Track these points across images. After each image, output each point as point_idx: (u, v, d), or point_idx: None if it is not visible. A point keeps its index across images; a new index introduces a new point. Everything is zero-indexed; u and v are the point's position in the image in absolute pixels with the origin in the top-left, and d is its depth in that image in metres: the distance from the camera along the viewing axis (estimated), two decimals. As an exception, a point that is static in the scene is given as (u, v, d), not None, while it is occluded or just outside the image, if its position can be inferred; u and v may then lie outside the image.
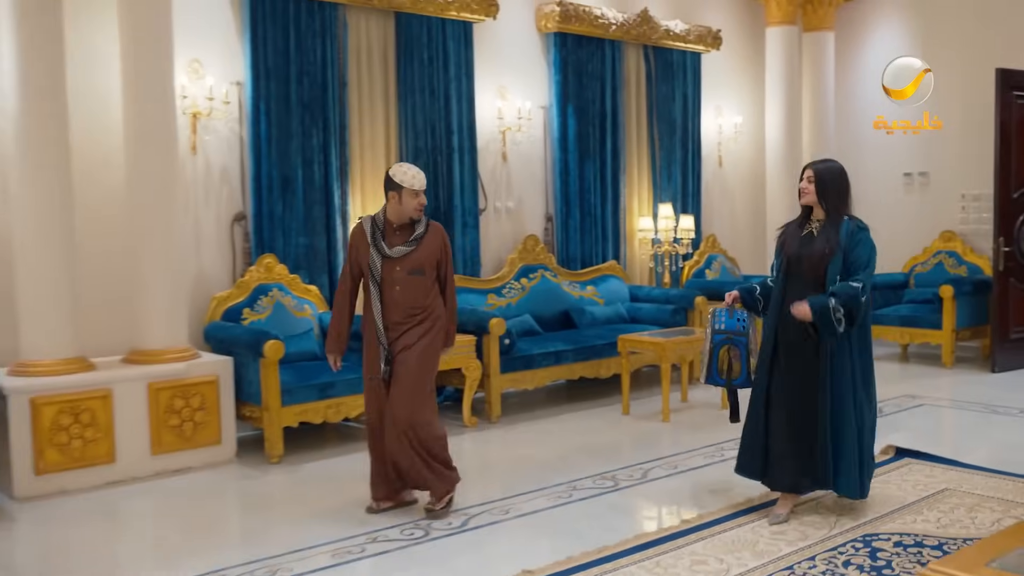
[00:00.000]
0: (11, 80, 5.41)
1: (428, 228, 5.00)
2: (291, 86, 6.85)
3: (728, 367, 5.02)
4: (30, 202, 5.48)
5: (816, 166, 4.82)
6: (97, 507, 5.22)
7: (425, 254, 4.95)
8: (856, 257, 4.64)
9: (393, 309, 4.90)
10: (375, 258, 4.89)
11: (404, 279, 4.91)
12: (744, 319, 5.04)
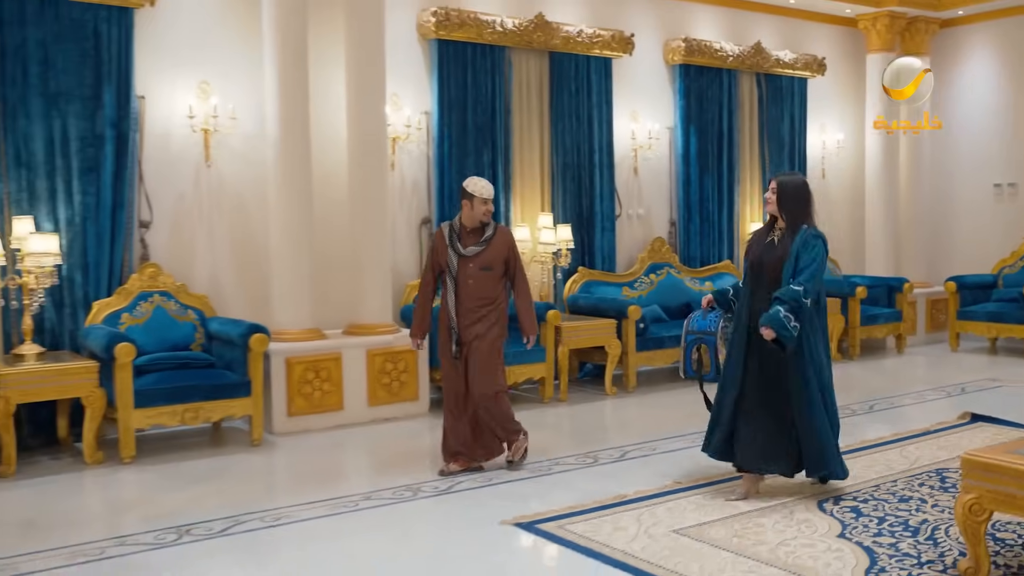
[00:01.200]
0: (273, 117, 7.09)
1: (496, 231, 5.91)
2: (467, 114, 8.42)
3: (699, 363, 5.55)
4: (283, 209, 7.15)
5: (780, 179, 5.26)
6: (330, 441, 6.82)
7: (494, 253, 5.85)
8: (803, 261, 5.01)
9: (466, 299, 5.81)
10: (452, 257, 5.82)
11: (476, 274, 5.81)
12: (715, 321, 5.54)
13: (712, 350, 5.54)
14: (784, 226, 5.17)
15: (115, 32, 6.78)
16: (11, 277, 6.32)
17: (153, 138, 7.10)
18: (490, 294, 5.87)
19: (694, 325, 5.65)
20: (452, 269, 5.82)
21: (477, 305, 5.82)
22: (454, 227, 5.92)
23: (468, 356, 5.83)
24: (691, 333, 5.64)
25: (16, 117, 6.48)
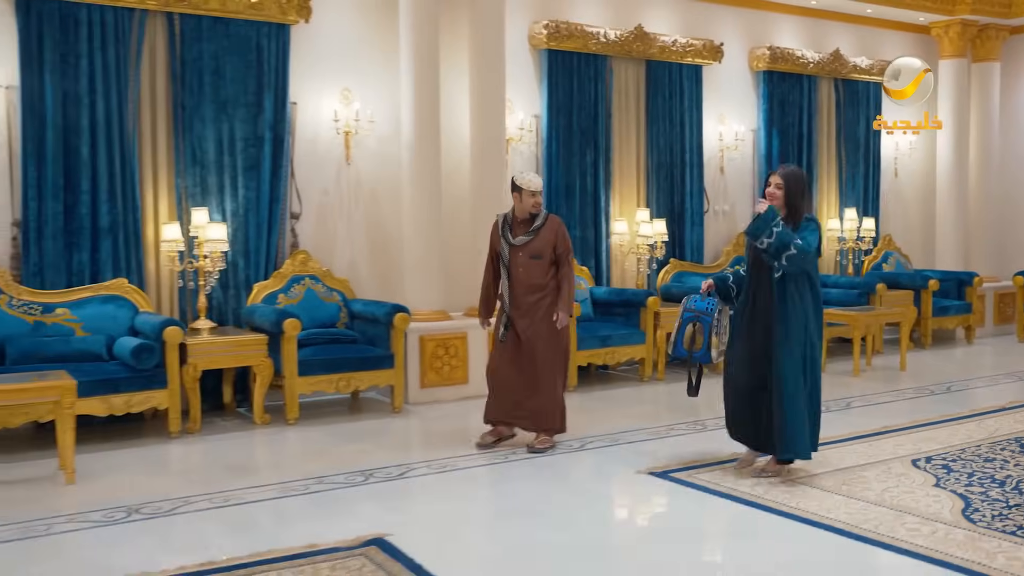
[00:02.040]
0: (408, 121, 7.94)
1: (546, 221, 6.22)
2: (573, 117, 9.22)
3: (692, 341, 5.66)
4: (415, 204, 7.99)
5: (783, 173, 5.38)
6: (460, 410, 7.62)
7: (542, 242, 6.18)
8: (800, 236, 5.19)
9: (517, 285, 6.18)
10: (504, 246, 6.22)
11: (526, 262, 6.17)
12: (712, 304, 5.66)
13: (707, 329, 5.64)
14: (785, 216, 5.31)
15: (274, 46, 7.68)
16: (189, 261, 7.25)
17: (303, 140, 7.98)
18: (540, 281, 6.20)
19: (692, 304, 5.76)
20: (504, 258, 6.24)
21: (528, 291, 6.18)
22: (507, 218, 6.32)
23: (523, 344, 6.18)
24: (689, 311, 5.73)
25: (192, 121, 7.40)
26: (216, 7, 7.36)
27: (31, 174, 6.83)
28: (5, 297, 6.70)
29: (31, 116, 6.82)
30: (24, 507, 5.08)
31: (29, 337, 6.64)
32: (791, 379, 5.27)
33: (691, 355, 5.69)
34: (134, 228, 7.22)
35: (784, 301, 5.30)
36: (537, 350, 6.17)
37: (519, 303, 6.19)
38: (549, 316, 6.17)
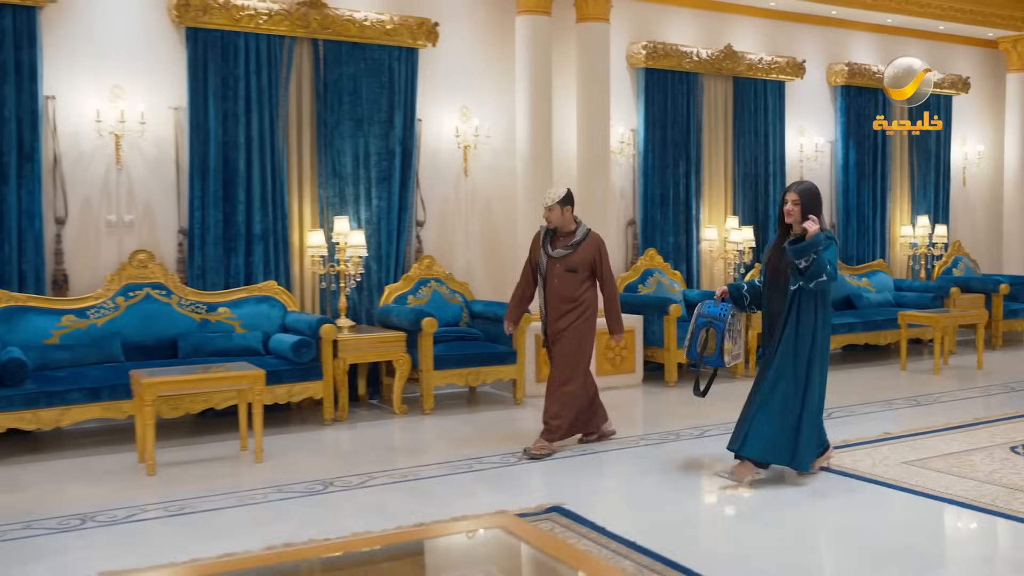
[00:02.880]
0: (523, 136, 8.61)
1: (586, 237, 6.40)
2: (667, 131, 9.86)
3: (704, 345, 5.86)
4: (530, 210, 8.65)
5: (799, 189, 5.50)
6: (572, 404, 8.29)
7: (580, 258, 6.35)
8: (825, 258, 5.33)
9: (552, 296, 6.38)
10: (543, 257, 6.40)
11: (561, 275, 6.34)
12: (726, 310, 5.84)
13: (719, 335, 5.80)
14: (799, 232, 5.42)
15: (404, 68, 8.38)
16: (331, 264, 7.97)
17: (427, 153, 8.68)
18: (573, 294, 6.38)
19: (706, 309, 5.93)
20: (542, 268, 6.44)
21: (561, 302, 6.38)
22: (549, 231, 6.49)
23: (555, 347, 6.45)
24: (703, 316, 5.92)
25: (333, 137, 8.12)
26: (355, 33, 8.08)
27: (196, 186, 7.58)
28: (175, 297, 7.45)
29: (197, 134, 7.57)
30: (229, 480, 5.80)
31: (197, 333, 7.37)
32: (780, 385, 5.46)
33: (702, 359, 5.90)
34: (283, 235, 7.95)
35: (796, 312, 5.45)
36: (555, 359, 6.46)
37: (552, 312, 6.44)
38: (573, 328, 6.38)
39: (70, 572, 4.31)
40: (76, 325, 7.07)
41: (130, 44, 7.44)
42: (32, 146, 7.00)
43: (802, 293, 5.42)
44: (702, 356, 5.89)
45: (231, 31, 7.61)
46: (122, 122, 7.30)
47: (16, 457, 6.39)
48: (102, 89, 7.33)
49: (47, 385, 6.42)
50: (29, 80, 6.97)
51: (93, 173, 7.37)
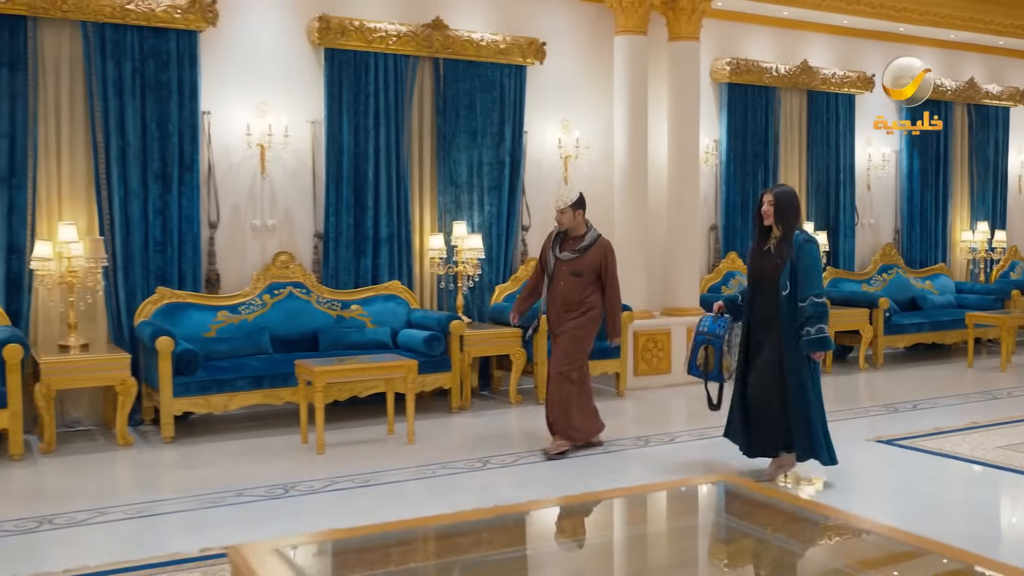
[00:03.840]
0: (621, 147, 9.27)
1: (595, 242, 6.47)
2: (747, 142, 10.50)
3: (705, 362, 5.96)
4: (626, 218, 9.30)
5: (775, 191, 5.63)
6: (666, 395, 8.93)
7: (587, 262, 6.42)
8: (802, 268, 5.44)
9: (556, 298, 6.49)
10: (551, 258, 6.53)
11: (567, 277, 6.44)
12: (724, 325, 5.91)
13: (718, 352, 5.90)
14: (779, 235, 5.58)
15: (513, 84, 9.06)
16: (450, 266, 8.64)
17: (531, 163, 9.35)
18: (576, 297, 6.47)
19: (704, 327, 6.05)
20: (549, 269, 6.57)
21: (564, 303, 6.49)
22: (560, 233, 6.61)
23: (557, 340, 6.59)
24: (701, 334, 6.05)
25: (450, 148, 8.80)
26: (472, 53, 8.76)
27: (331, 194, 8.27)
28: (314, 295, 8.15)
29: (332, 146, 8.26)
30: (393, 459, 6.47)
31: (334, 328, 8.06)
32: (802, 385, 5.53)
33: (706, 376, 6.02)
34: (406, 238, 8.63)
35: (787, 310, 5.53)
36: (557, 358, 6.57)
37: (554, 312, 6.59)
38: (573, 329, 6.49)
39: (303, 528, 4.98)
40: (230, 320, 7.78)
41: (275, 64, 8.15)
42: (191, 157, 7.71)
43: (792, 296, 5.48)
44: (705, 373, 6.00)
45: (364, 51, 8.30)
46: (269, 135, 8.01)
47: (187, 439, 7.09)
48: (250, 105, 8.03)
49: (216, 374, 7.13)
50: (190, 97, 7.68)
51: (241, 182, 8.08)
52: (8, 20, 7.05)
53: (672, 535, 3.63)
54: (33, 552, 4.71)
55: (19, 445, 6.44)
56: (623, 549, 3.49)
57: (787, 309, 5.50)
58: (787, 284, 5.46)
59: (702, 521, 3.79)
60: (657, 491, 4.27)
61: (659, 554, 3.45)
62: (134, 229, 7.52)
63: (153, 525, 5.14)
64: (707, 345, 5.97)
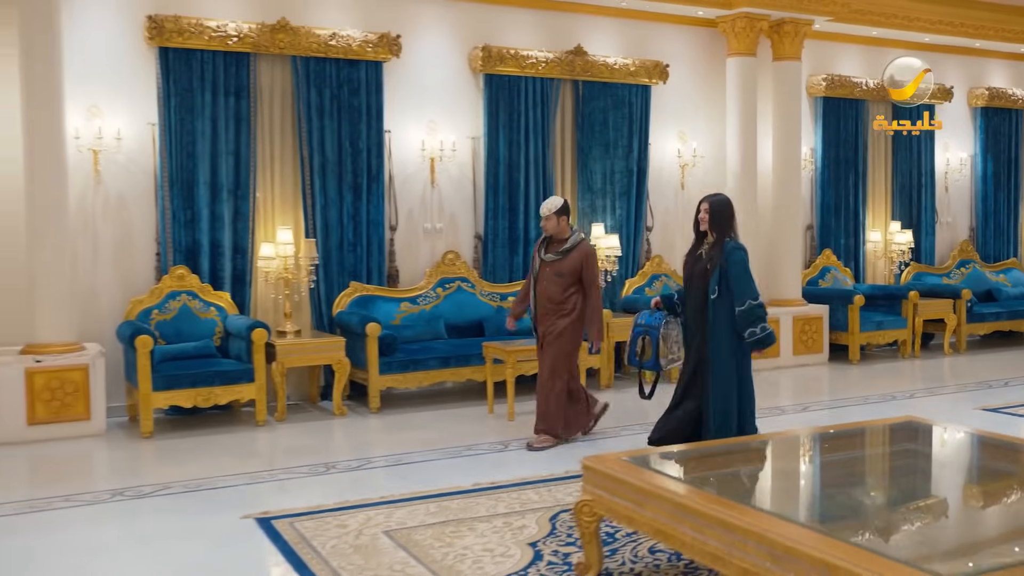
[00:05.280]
0: (733, 155, 10.44)
1: (576, 246, 6.78)
2: (839, 149, 11.63)
3: (642, 352, 6.28)
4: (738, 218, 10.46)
5: (710, 199, 5.98)
6: (771, 377, 10.08)
7: (568, 264, 6.73)
8: (733, 274, 5.74)
9: (540, 297, 6.83)
10: (536, 260, 6.90)
11: (550, 278, 6.77)
12: (660, 318, 6.25)
13: (655, 343, 6.22)
14: (712, 240, 5.90)
15: (640, 102, 10.26)
16: (589, 263, 9.85)
17: (653, 171, 10.54)
18: (558, 298, 6.78)
19: (642, 319, 6.39)
20: (534, 270, 6.95)
21: (548, 303, 6.81)
22: (547, 237, 6.97)
23: (545, 349, 6.88)
24: (639, 326, 6.38)
25: (588, 159, 10.02)
26: (606, 75, 9.97)
27: (489, 200, 9.51)
28: (477, 288, 9.39)
29: (490, 159, 9.50)
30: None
31: (496, 317, 9.27)
32: (720, 383, 5.83)
33: (641, 364, 6.35)
34: (550, 238, 9.86)
35: (714, 312, 5.83)
36: (546, 357, 6.88)
37: (539, 312, 6.91)
38: (559, 330, 6.80)
39: (539, 473, 6.20)
40: (411, 310, 9.04)
41: (443, 88, 9.40)
42: (377, 170, 8.98)
43: (719, 296, 5.79)
44: (641, 361, 6.34)
45: (517, 76, 9.53)
46: (441, 150, 9.27)
47: (388, 411, 8.34)
48: (423, 124, 9.30)
49: (411, 355, 8.39)
50: (376, 118, 8.95)
51: (415, 191, 9.34)
52: (235, 56, 8.34)
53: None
54: (302, 492, 5.94)
55: (263, 413, 7.74)
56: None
57: (714, 311, 5.81)
58: (715, 288, 5.75)
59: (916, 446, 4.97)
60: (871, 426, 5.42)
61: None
62: (332, 232, 8.80)
63: (407, 471, 6.36)
64: (645, 336, 6.30)
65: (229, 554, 4.81)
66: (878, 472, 4.62)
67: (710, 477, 4.26)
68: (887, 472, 4.61)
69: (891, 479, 4.46)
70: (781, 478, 4.48)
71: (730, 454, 4.71)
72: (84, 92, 7.86)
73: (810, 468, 4.59)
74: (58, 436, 7.24)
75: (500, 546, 4.71)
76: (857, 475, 4.50)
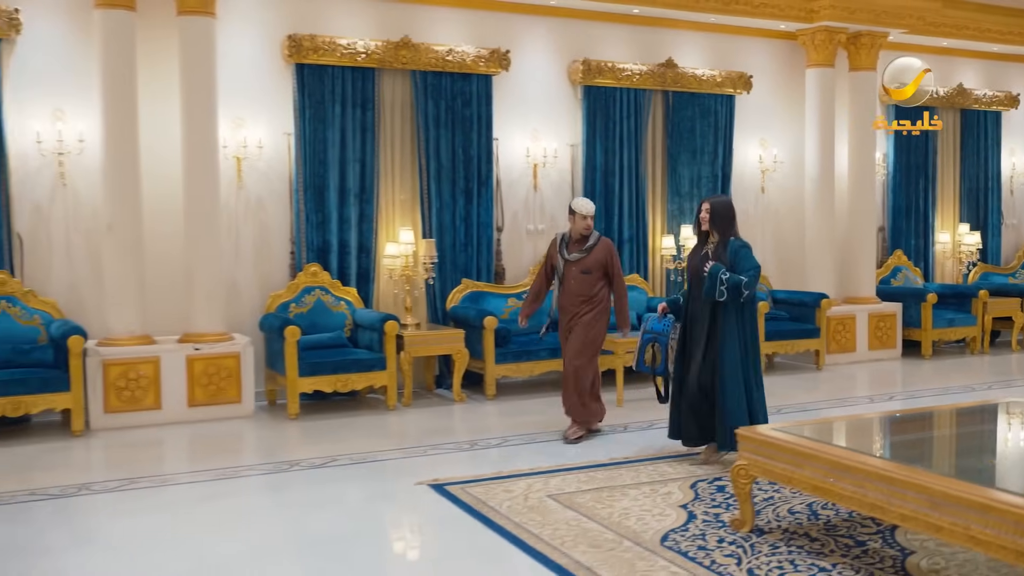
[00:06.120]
0: (812, 161, 11.06)
1: (598, 242, 7.00)
2: (910, 155, 12.21)
3: (652, 359, 6.45)
4: (815, 219, 11.08)
5: (711, 200, 6.17)
6: (848, 371, 10.68)
7: (593, 260, 6.95)
8: (742, 267, 5.97)
9: (568, 295, 7.03)
10: (560, 261, 7.06)
11: (577, 276, 6.97)
12: (668, 324, 6.41)
13: (664, 349, 6.41)
14: (716, 240, 6.09)
15: (724, 111, 10.92)
16: (679, 261, 10.52)
17: (737, 176, 11.18)
18: (588, 293, 7.02)
19: (650, 326, 6.56)
20: (559, 271, 7.11)
21: (577, 301, 7.03)
22: (565, 237, 7.18)
23: (570, 335, 7.11)
24: (647, 332, 6.54)
25: (676, 165, 10.68)
26: (694, 86, 10.63)
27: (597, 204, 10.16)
28: (576, 285, 10.08)
29: (588, 164, 10.19)
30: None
31: (594, 312, 9.97)
32: (731, 379, 5.99)
33: (653, 370, 6.58)
34: (643, 239, 10.54)
35: (723, 313, 6.02)
36: (572, 350, 7.09)
37: (567, 309, 7.11)
38: (587, 322, 7.02)
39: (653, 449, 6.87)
40: (517, 305, 9.72)
41: (544, 100, 10.10)
42: (487, 175, 9.70)
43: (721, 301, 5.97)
44: (653, 368, 6.56)
45: (612, 87, 10.22)
46: (544, 157, 9.98)
47: (506, 398, 9.05)
48: (526, 132, 10.01)
49: (523, 346, 9.10)
50: (486, 127, 9.67)
51: (519, 194, 10.05)
52: (362, 71, 9.09)
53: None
54: (454, 465, 6.65)
55: (393, 398, 8.49)
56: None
57: (722, 308, 5.99)
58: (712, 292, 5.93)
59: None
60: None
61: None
62: (446, 232, 9.53)
63: (542, 448, 7.05)
64: (654, 343, 6.51)
65: (419, 512, 5.55)
66: (1002, 438, 5.24)
67: (858, 442, 4.92)
68: (1007, 439, 5.23)
69: (1014, 443, 5.09)
70: (919, 443, 5.15)
71: (865, 426, 5.37)
72: (230, 105, 8.62)
73: (944, 434, 5.25)
74: (214, 417, 8.03)
75: (655, 507, 5.40)
76: (985, 440, 5.14)
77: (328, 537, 5.07)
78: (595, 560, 4.59)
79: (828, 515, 5.19)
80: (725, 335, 5.98)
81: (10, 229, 7.96)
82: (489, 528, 5.14)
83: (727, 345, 5.97)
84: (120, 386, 7.76)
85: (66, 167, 8.14)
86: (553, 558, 4.64)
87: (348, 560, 4.75)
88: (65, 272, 8.27)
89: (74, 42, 8.13)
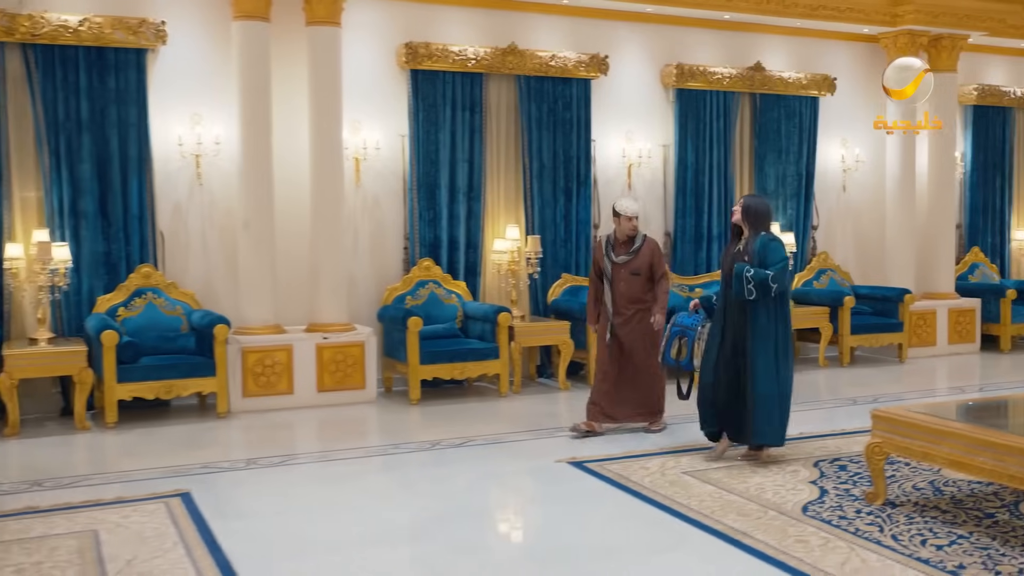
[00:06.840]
0: (893, 161, 11.41)
1: (644, 242, 7.06)
2: (987, 154, 12.50)
3: (678, 352, 6.54)
4: (896, 216, 11.43)
5: (744, 200, 6.31)
6: (928, 364, 11.03)
7: (641, 261, 7.00)
8: (771, 260, 5.98)
9: (619, 298, 7.03)
10: (607, 264, 7.05)
11: (627, 278, 7.02)
12: (698, 319, 6.50)
13: (691, 343, 6.46)
14: (747, 236, 6.16)
15: (808, 112, 11.31)
16: (765, 258, 10.91)
17: (820, 175, 11.54)
18: (638, 295, 7.06)
19: (680, 320, 6.64)
20: (607, 273, 7.10)
21: (628, 303, 7.05)
22: (610, 239, 7.19)
23: (624, 348, 7.09)
24: (676, 326, 6.61)
25: (763, 163, 11.09)
26: (780, 88, 11.03)
27: (678, 202, 10.65)
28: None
29: (680, 164, 10.63)
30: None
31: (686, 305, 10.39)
32: (763, 376, 6.05)
33: (678, 364, 6.64)
34: (725, 235, 10.95)
35: (753, 308, 6.06)
36: (636, 351, 7.13)
37: (620, 312, 7.11)
38: (645, 323, 7.10)
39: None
40: (614, 299, 10.20)
41: (639, 102, 10.57)
42: (585, 175, 10.17)
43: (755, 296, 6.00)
44: (678, 361, 6.64)
45: (703, 90, 10.65)
46: (639, 156, 10.44)
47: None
48: (621, 134, 10.47)
49: (623, 337, 9.55)
50: (584, 129, 10.14)
51: (613, 193, 10.44)
52: (470, 77, 9.60)
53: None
54: (584, 446, 7.08)
55: (505, 386, 9.00)
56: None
57: (752, 305, 6.03)
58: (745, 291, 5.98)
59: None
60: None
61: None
62: (547, 229, 10.02)
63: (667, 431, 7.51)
64: (681, 336, 6.56)
65: (567, 486, 6.03)
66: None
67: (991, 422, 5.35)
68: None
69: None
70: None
71: (985, 409, 5.78)
72: (349, 109, 9.15)
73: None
74: (341, 402, 8.58)
75: (788, 483, 5.85)
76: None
77: (497, 504, 5.60)
78: (748, 526, 5.05)
79: (951, 491, 5.61)
80: (757, 334, 6.05)
81: (154, 226, 8.57)
82: (638, 499, 5.61)
83: (759, 345, 6.05)
84: (257, 372, 8.34)
85: (203, 168, 8.73)
86: (708, 524, 5.10)
87: (526, 522, 5.26)
88: (201, 266, 8.86)
89: (212, 51, 8.71)
